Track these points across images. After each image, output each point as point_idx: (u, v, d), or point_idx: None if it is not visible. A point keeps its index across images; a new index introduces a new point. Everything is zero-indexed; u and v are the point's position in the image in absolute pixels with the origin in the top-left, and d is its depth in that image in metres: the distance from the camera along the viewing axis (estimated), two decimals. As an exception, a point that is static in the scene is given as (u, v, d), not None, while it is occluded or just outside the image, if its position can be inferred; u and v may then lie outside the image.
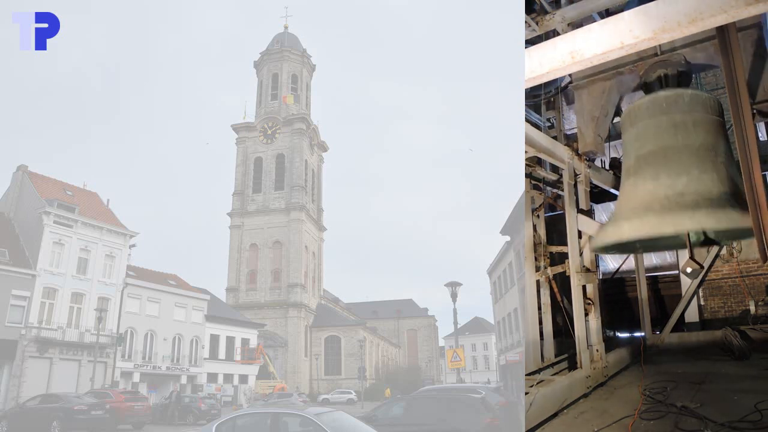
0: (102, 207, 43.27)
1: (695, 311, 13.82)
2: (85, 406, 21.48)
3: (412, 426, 11.48)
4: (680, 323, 13.64)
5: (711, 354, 11.43)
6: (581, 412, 8.20)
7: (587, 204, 10.75)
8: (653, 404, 7.93)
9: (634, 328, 14.25)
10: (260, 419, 8.97)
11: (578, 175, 10.61)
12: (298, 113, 76.42)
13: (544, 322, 11.49)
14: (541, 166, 11.34)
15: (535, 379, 8.99)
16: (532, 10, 9.75)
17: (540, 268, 11.51)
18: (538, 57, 5.52)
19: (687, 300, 13.66)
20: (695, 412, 7.18)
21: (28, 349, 33.75)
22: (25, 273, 34.41)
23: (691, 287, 13.63)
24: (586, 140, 10.40)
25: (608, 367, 10.23)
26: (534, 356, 11.07)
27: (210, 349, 48.47)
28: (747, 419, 6.62)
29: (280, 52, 79.10)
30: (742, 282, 13.81)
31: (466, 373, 68.03)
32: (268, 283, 70.01)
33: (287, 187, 73.23)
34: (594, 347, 9.93)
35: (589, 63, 5.28)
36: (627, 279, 15.69)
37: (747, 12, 4.26)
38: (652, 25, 4.68)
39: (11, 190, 39.85)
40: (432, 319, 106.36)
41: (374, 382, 69.64)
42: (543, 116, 13.23)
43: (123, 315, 39.94)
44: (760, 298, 13.34)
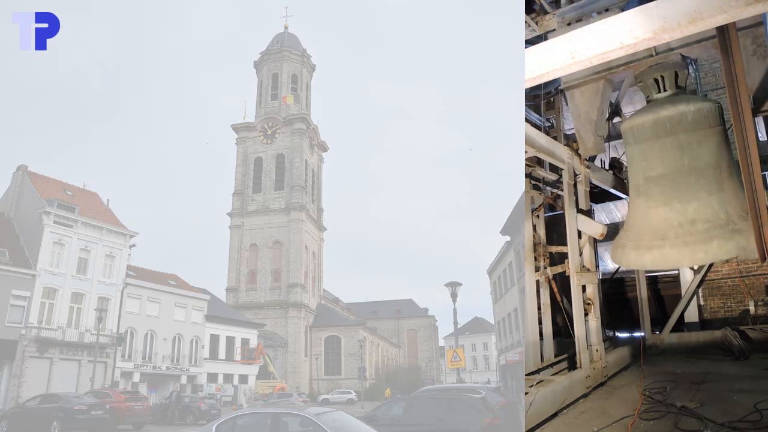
0: (102, 207, 43.26)
1: (695, 311, 13.81)
2: (85, 406, 21.46)
3: (412, 426, 11.47)
4: (680, 323, 13.64)
5: (711, 354, 11.43)
6: (581, 412, 8.20)
7: (587, 204, 10.76)
8: (653, 404, 7.93)
9: (633, 328, 14.25)
10: (260, 419, 8.96)
11: (578, 175, 10.61)
12: (298, 113, 76.42)
13: (544, 322, 11.49)
14: (541, 166, 11.34)
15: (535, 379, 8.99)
16: (532, 10, 9.75)
17: (540, 268, 11.51)
18: (538, 57, 5.52)
19: (687, 300, 13.65)
20: (695, 412, 7.19)
21: (28, 349, 33.74)
22: (25, 273, 34.40)
23: (690, 287, 13.63)
24: (587, 144, 10.39)
25: (608, 367, 10.23)
26: (534, 356, 11.07)
27: (210, 349, 48.45)
28: (747, 419, 6.62)
29: (280, 52, 79.09)
30: (741, 282, 13.81)
31: (466, 373, 68.04)
32: (268, 283, 70.00)
33: (287, 187, 73.23)
34: (594, 347, 9.93)
35: (589, 63, 5.27)
36: (627, 279, 15.68)
37: (747, 12, 4.25)
38: (652, 25, 4.67)
39: (11, 190, 39.84)
40: (432, 319, 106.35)
41: (374, 382, 69.63)
42: (543, 116, 13.23)
43: (123, 315, 39.92)
44: (760, 298, 13.34)
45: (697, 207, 8.34)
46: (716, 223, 8.19)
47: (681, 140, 8.43)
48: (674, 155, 8.49)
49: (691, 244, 8.25)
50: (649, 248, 8.72)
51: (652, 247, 8.64)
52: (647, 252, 8.75)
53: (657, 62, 9.00)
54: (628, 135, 9.15)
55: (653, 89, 9.15)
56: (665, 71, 9.01)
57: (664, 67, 9.01)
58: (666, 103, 8.77)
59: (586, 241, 10.45)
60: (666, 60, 8.97)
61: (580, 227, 10.25)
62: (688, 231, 8.30)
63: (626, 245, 9.38)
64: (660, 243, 8.53)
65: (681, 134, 8.43)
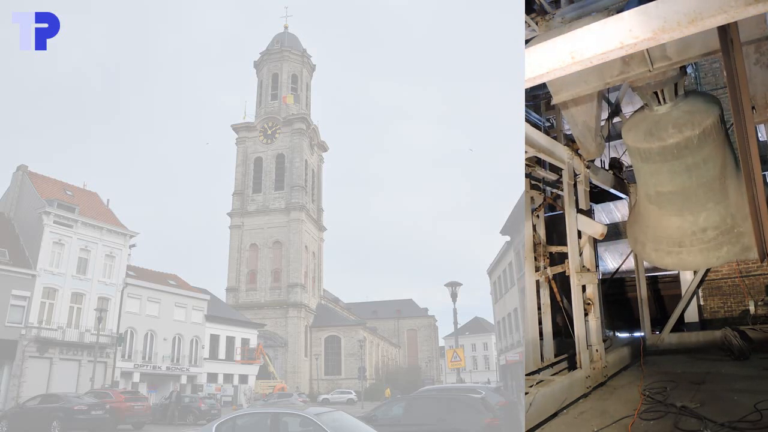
0: (102, 207, 43.24)
1: (695, 311, 13.81)
2: (85, 406, 21.44)
3: (412, 426, 11.46)
4: (680, 323, 13.64)
5: (711, 354, 11.44)
6: (581, 412, 8.20)
7: (587, 204, 10.76)
8: (653, 404, 7.93)
9: (633, 328, 14.25)
10: (260, 419, 8.95)
11: (578, 175, 10.61)
12: (298, 113, 76.39)
13: (544, 322, 11.49)
14: (541, 166, 11.33)
15: (535, 379, 8.99)
16: (532, 10, 9.74)
17: (540, 268, 11.51)
18: (538, 57, 5.51)
19: (687, 300, 13.65)
20: (695, 412, 7.19)
21: (28, 349, 33.71)
22: (25, 273, 34.38)
23: (690, 287, 13.63)
24: (589, 150, 10.35)
25: (608, 367, 10.23)
26: (534, 356, 11.07)
27: (210, 349, 48.42)
28: (747, 419, 6.62)
29: (280, 52, 79.06)
30: (741, 282, 13.81)
31: (466, 373, 68.05)
32: (268, 283, 69.98)
33: (287, 187, 73.20)
34: (594, 347, 9.93)
35: (589, 63, 5.26)
36: (627, 279, 15.68)
37: (747, 12, 4.25)
38: (652, 25, 4.67)
39: (11, 190, 39.81)
40: (432, 319, 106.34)
41: (374, 382, 69.60)
42: (543, 116, 13.23)
43: (123, 315, 39.89)
44: (760, 298, 13.34)
45: (706, 216, 9.23)
46: (724, 230, 9.18)
47: (688, 162, 8.71)
48: (682, 175, 8.93)
49: (705, 251, 9.41)
50: (668, 253, 9.90)
51: (671, 253, 9.83)
52: (667, 256, 10.00)
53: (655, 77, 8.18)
54: (635, 153, 9.26)
55: (653, 100, 8.75)
56: (665, 86, 8.38)
57: (663, 83, 8.32)
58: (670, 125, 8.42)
59: (586, 241, 10.46)
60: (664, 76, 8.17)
61: (580, 227, 10.25)
62: (701, 239, 9.36)
63: (645, 244, 10.37)
64: (677, 249, 9.67)
65: (688, 157, 8.65)
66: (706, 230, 9.29)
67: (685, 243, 9.53)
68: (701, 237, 9.35)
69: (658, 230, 9.94)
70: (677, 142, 8.43)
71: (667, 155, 8.65)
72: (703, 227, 9.31)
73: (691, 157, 8.56)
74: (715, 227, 9.24)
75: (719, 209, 9.17)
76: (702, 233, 9.33)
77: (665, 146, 8.55)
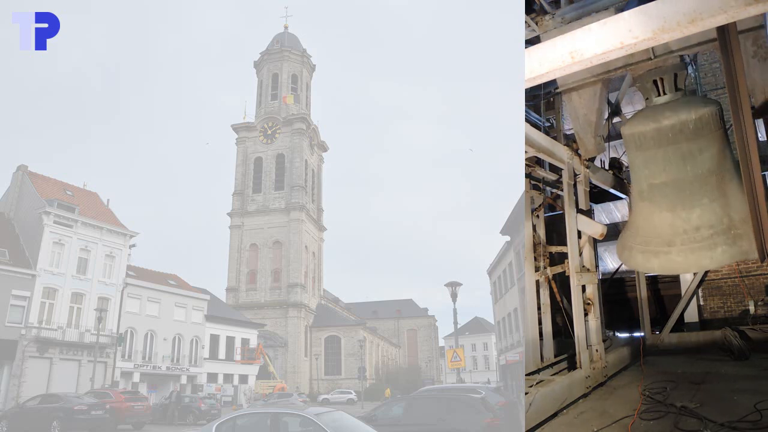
0: (102, 207, 43.25)
1: (695, 311, 13.81)
2: (85, 406, 21.44)
3: (412, 426, 11.47)
4: (680, 323, 13.63)
5: (711, 354, 11.44)
6: (581, 412, 8.20)
7: (587, 204, 10.75)
8: (653, 404, 7.93)
9: (633, 328, 14.25)
10: (260, 419, 8.96)
11: (578, 175, 10.60)
12: (298, 113, 76.40)
13: (544, 322, 11.49)
14: (541, 166, 11.33)
15: (535, 379, 8.99)
16: (532, 10, 9.75)
17: (540, 268, 11.50)
18: (538, 57, 5.52)
19: (686, 300, 13.65)
20: (695, 412, 7.19)
21: (28, 349, 33.72)
22: (25, 273, 34.39)
23: (690, 287, 13.63)
24: (587, 146, 10.38)
25: (608, 367, 10.23)
26: (534, 356, 11.07)
27: (210, 349, 48.43)
28: (747, 419, 6.62)
29: (280, 52, 79.07)
30: (741, 282, 13.81)
31: (466, 373, 68.04)
32: (268, 283, 69.99)
33: (287, 187, 73.22)
34: (593, 347, 9.93)
35: (589, 63, 5.27)
36: (626, 279, 15.68)
37: (747, 12, 4.25)
38: (652, 25, 4.67)
39: (11, 190, 39.81)
40: (432, 319, 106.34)
41: (374, 382, 69.63)
42: (543, 116, 13.23)
43: (123, 315, 39.90)
44: (760, 298, 13.34)
45: (700, 213, 8.62)
46: (719, 230, 8.49)
47: (683, 149, 8.55)
48: (677, 164, 8.65)
49: (697, 251, 8.61)
50: (656, 254, 9.05)
51: (659, 253, 8.98)
52: (654, 257, 9.10)
53: (656, 66, 8.92)
54: (630, 141, 9.18)
55: (652, 92, 9.10)
56: (664, 74, 8.92)
57: (663, 70, 8.91)
58: (667, 110, 8.70)
59: (586, 241, 10.45)
60: (665, 63, 8.88)
61: (580, 227, 10.24)
62: (693, 238, 8.63)
63: (633, 248, 9.62)
64: (666, 249, 8.88)
65: (683, 143, 8.53)
66: (700, 228, 8.62)
67: (675, 242, 8.80)
68: (694, 236, 8.65)
69: (648, 229, 9.35)
70: (672, 124, 8.47)
71: (662, 139, 8.59)
72: (697, 225, 8.63)
73: (686, 143, 8.49)
74: (709, 226, 8.57)
75: (715, 207, 8.61)
76: (695, 231, 8.65)
77: (660, 128, 8.57)
